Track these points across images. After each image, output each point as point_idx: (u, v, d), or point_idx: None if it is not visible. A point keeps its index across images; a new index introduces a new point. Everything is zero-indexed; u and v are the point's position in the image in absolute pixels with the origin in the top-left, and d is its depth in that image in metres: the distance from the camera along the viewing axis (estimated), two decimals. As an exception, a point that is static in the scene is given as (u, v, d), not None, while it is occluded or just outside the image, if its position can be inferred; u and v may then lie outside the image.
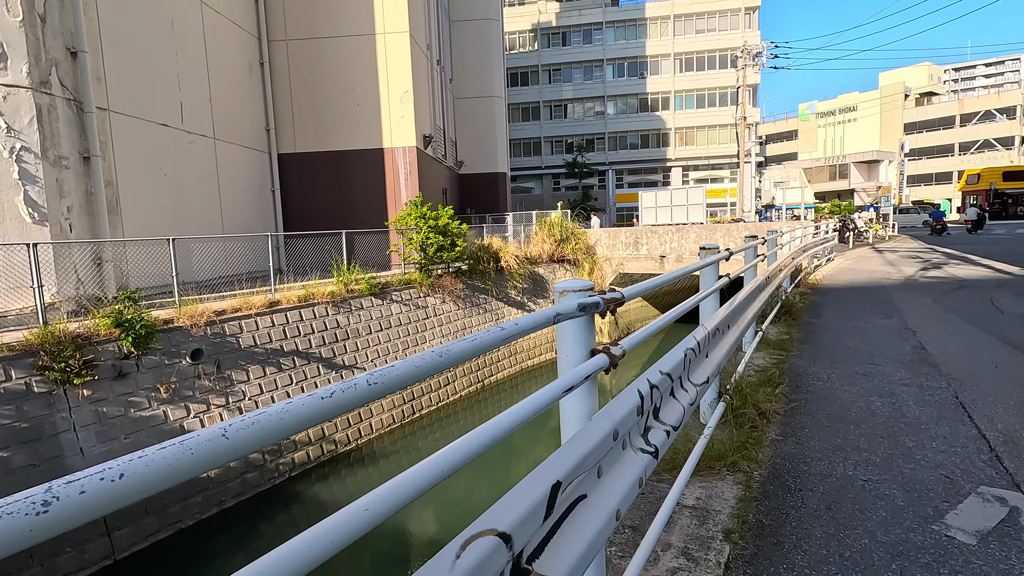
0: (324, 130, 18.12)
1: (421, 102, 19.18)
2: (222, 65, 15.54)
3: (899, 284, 10.48)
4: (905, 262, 14.98)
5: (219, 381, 9.93)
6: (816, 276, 11.07)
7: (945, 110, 61.52)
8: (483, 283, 17.13)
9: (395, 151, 17.97)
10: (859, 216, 25.68)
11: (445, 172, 23.25)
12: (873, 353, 5.34)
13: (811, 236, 11.85)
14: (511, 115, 54.69)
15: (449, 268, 16.40)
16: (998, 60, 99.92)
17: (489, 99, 26.67)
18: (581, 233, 20.55)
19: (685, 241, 18.30)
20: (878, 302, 8.43)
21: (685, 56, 51.00)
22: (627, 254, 20.04)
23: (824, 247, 13.28)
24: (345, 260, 13.49)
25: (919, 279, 11.12)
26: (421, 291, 15.01)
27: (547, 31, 53.10)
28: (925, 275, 11.79)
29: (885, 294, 9.23)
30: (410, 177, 18.02)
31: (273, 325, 11.17)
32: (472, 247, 17.40)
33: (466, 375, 15.52)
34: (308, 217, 17.76)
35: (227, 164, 15.64)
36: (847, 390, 4.22)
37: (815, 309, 7.64)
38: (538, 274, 19.62)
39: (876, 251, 19.34)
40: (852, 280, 10.88)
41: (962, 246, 20.96)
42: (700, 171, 52.58)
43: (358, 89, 17.86)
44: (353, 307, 13.04)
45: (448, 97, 24.31)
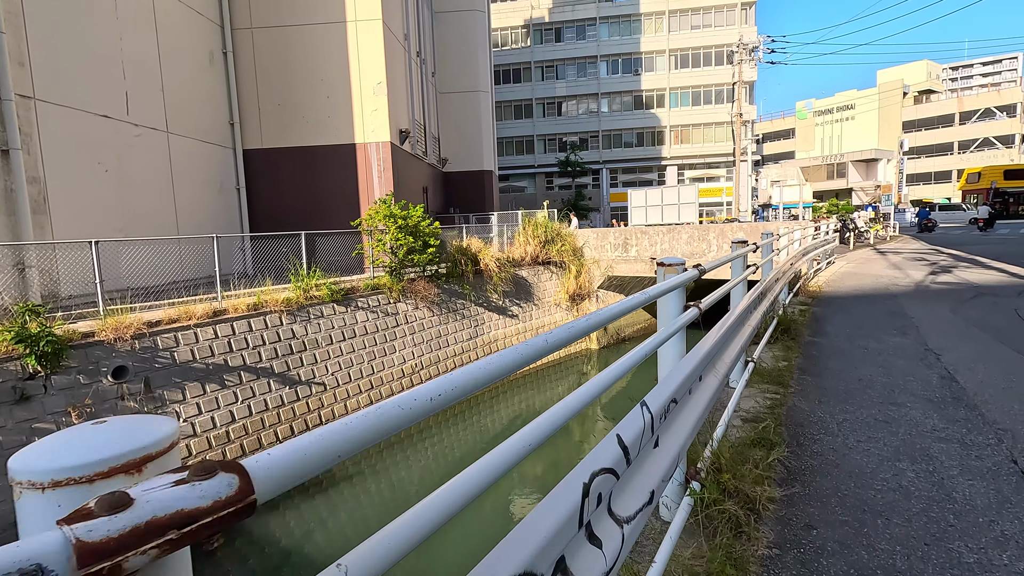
0: (292, 124, 17.01)
1: (397, 95, 18.09)
2: (177, 53, 14.43)
3: (909, 291, 9.43)
4: (911, 265, 13.95)
5: (147, 402, 8.83)
6: (817, 282, 10.01)
7: (944, 108, 60.65)
8: (461, 287, 16.06)
9: (368, 147, 16.88)
10: (859, 216, 24.67)
11: (426, 170, 22.16)
12: (892, 387, 4.28)
13: (811, 238, 10.81)
14: (503, 113, 53.65)
15: (425, 271, 15.33)
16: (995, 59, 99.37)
17: (474, 94, 25.57)
18: (568, 234, 19.49)
19: (677, 242, 17.25)
20: (889, 314, 7.37)
21: (680, 52, 50.00)
22: (616, 256, 18.98)
23: (824, 249, 12.24)
24: (305, 264, 12.40)
25: (930, 285, 10.08)
26: (391, 297, 13.93)
27: (540, 27, 52.04)
28: (936, 280, 10.75)
29: (895, 304, 8.17)
30: (384, 174, 16.92)
31: (216, 337, 10.07)
32: (450, 249, 16.33)
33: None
34: (277, 217, 16.66)
35: (183, 160, 14.53)
36: (866, 450, 3.15)
37: (818, 324, 6.57)
38: (521, 277, 18.54)
39: (878, 252, 18.32)
40: (857, 287, 9.83)
41: (967, 247, 19.97)
42: (696, 170, 51.58)
43: (328, 81, 16.75)
44: (312, 315, 11.95)
45: (430, 91, 23.21)
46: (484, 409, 14.97)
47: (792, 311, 7.02)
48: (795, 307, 7.47)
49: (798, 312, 6.94)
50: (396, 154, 17.59)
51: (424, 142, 21.50)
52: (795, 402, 3.84)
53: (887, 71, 67.95)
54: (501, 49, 52.75)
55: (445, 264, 16.18)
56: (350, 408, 11.88)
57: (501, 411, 15.13)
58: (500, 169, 53.84)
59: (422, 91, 21.37)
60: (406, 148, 18.89)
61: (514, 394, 16.01)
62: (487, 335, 16.49)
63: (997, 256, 15.80)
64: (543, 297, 19.10)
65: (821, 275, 11.67)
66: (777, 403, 3.67)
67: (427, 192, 21.73)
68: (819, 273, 11.92)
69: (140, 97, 13.03)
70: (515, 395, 15.92)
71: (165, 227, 13.74)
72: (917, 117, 61.54)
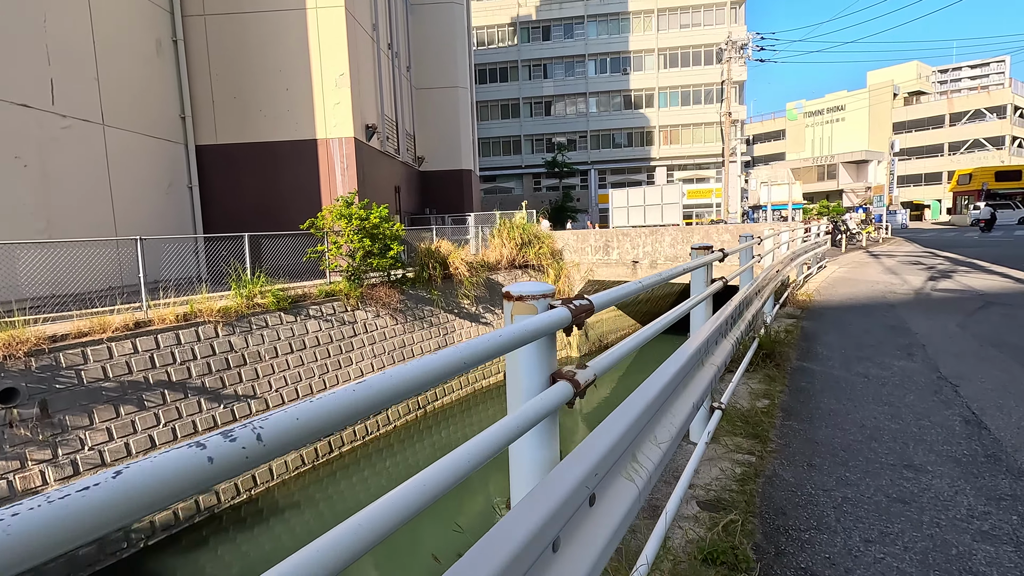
0: (250, 119, 15.87)
1: (363, 88, 17.01)
2: (117, 40, 13.27)
3: (909, 300, 8.46)
4: (907, 269, 13.03)
5: (44, 428, 7.69)
6: (807, 290, 9.03)
7: (934, 109, 60.28)
8: (428, 293, 14.98)
9: (330, 142, 15.77)
10: (851, 217, 23.84)
11: (399, 168, 21.06)
12: (905, 437, 3.25)
13: (800, 241, 9.84)
14: (490, 112, 52.66)
15: (389, 276, 14.25)
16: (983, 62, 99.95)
17: (452, 90, 24.50)
18: (546, 236, 18.46)
19: (660, 245, 16.27)
20: (890, 329, 6.37)
21: (669, 52, 49.24)
22: (597, 259, 17.97)
23: (816, 253, 11.28)
24: (249, 268, 11.29)
25: (932, 293, 9.12)
26: (348, 304, 12.83)
27: (527, 25, 51.11)
28: (937, 288, 9.80)
29: (896, 315, 7.19)
30: (348, 172, 15.82)
31: (136, 352, 8.93)
32: (418, 252, 15.27)
33: (404, 401, 13.34)
34: (236, 217, 15.49)
35: (123, 155, 13.37)
36: (879, 560, 2.11)
37: (808, 344, 5.55)
38: (496, 282, 17.49)
39: (872, 256, 17.43)
40: (851, 295, 8.85)
41: (963, 249, 19.15)
42: (686, 171, 50.81)
43: (288, 72, 15.64)
44: (255, 325, 10.83)
45: (404, 86, 22.14)
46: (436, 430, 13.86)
47: (778, 327, 6.01)
48: (782, 321, 6.46)
49: (785, 328, 5.92)
50: (361, 151, 16.49)
51: (396, 139, 20.41)
52: (776, 468, 2.79)
53: (877, 72, 67.61)
54: (487, 48, 51.82)
55: (413, 268, 15.12)
56: (296, 428, 10.75)
57: (465, 428, 14.03)
58: (486, 170, 52.86)
59: (394, 86, 20.29)
60: (374, 145, 17.79)
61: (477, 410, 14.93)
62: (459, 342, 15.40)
63: (996, 259, 14.94)
64: (520, 303, 18.03)
65: (812, 281, 10.70)
66: (751, 473, 2.63)
67: (399, 192, 20.63)
68: (810, 279, 10.95)
69: (69, 86, 11.86)
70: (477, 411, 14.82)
71: (100, 228, 12.57)
72: (907, 118, 61.15)
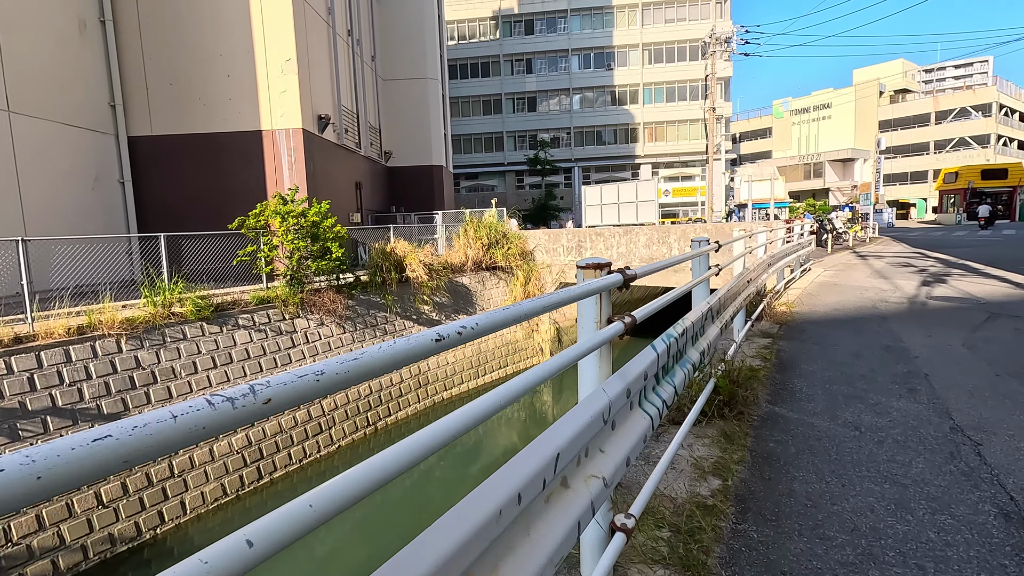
0: (188, 107, 14.53)
1: (316, 76, 15.72)
2: (27, 17, 11.88)
3: (903, 311, 7.39)
4: (898, 272, 12.02)
5: None
6: (788, 298, 7.93)
7: (920, 107, 59.92)
8: (382, 298, 13.75)
9: (276, 134, 14.47)
10: (837, 216, 22.92)
11: (361, 164, 19.78)
12: (921, 554, 2.11)
13: (782, 242, 8.75)
14: (471, 108, 51.38)
15: (339, 280, 13.02)
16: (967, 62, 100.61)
17: (421, 81, 23.22)
18: (516, 236, 17.29)
19: (635, 246, 15.17)
20: (884, 350, 5.28)
21: (654, 47, 48.28)
22: (569, 260, 16.85)
23: (799, 255, 10.21)
24: (166, 272, 10.01)
25: (928, 302, 8.06)
26: (287, 311, 11.57)
27: (509, 18, 49.90)
28: (932, 295, 8.76)
29: (890, 331, 6.10)
30: (296, 166, 14.53)
31: (10, 373, 7.64)
32: (372, 253, 14.04)
33: (351, 417, 12.12)
34: (175, 216, 14.21)
35: (36, 146, 11.99)
36: None
37: (784, 375, 4.41)
38: (461, 285, 16.31)
39: (859, 256, 16.47)
40: (838, 305, 7.76)
41: (952, 249, 18.27)
42: (671, 168, 49.95)
43: (229, 56, 14.31)
44: (169, 338, 9.55)
45: (368, 77, 20.84)
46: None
47: (749, 350, 4.88)
48: (755, 342, 5.33)
49: (758, 352, 4.80)
50: (312, 143, 15.21)
51: (357, 132, 19.13)
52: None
53: (863, 70, 67.21)
54: (468, 42, 50.56)
55: (367, 271, 13.90)
56: (215, 453, 9.50)
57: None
58: (468, 167, 51.61)
59: (354, 75, 19.00)
60: (328, 137, 16.51)
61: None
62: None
63: (990, 261, 14.01)
64: (487, 307, 16.88)
65: (794, 286, 9.62)
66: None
67: (361, 188, 19.34)
68: (792, 284, 9.87)
69: (-38, 66, 10.49)
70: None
71: (7, 228, 11.20)
72: (893, 116, 60.76)
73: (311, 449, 11.11)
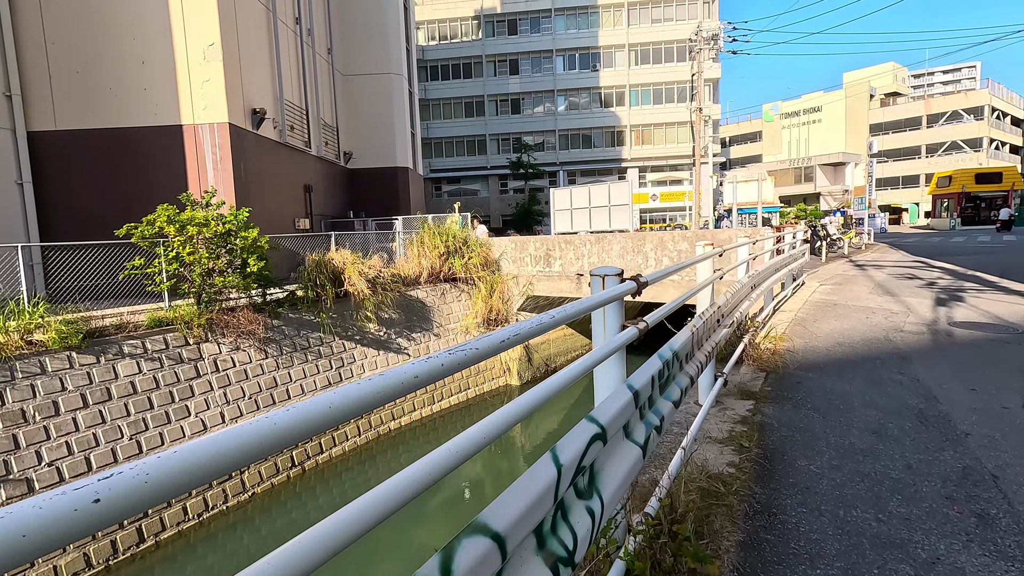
0: (97, 99, 12.75)
1: (252, 65, 13.99)
2: None
3: (926, 344, 5.74)
4: (904, 286, 10.42)
5: None
6: (778, 327, 6.26)
7: (911, 110, 59.00)
8: (316, 316, 12.00)
9: (198, 129, 12.71)
10: (831, 222, 21.41)
11: (312, 165, 18.03)
12: None
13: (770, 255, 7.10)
14: (453, 110, 49.78)
15: (267, 296, 11.27)
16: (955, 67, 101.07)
17: (384, 77, 21.52)
18: (479, 244, 15.58)
19: (607, 255, 13.51)
20: (918, 421, 3.60)
21: (641, 47, 46.96)
22: (537, 271, 15.16)
23: (791, 269, 8.56)
24: (25, 290, 8.23)
25: (952, 330, 6.42)
26: (191, 334, 9.79)
27: (491, 18, 48.43)
28: (953, 317, 7.13)
29: (917, 382, 4.44)
30: (222, 165, 12.77)
31: None
32: (307, 266, 12.29)
33: (270, 458, 10.33)
34: (82, 222, 12.40)
35: None
36: None
37: (768, 488, 2.70)
38: (415, 299, 14.57)
39: (857, 266, 14.91)
40: (842, 336, 6.10)
41: (954, 257, 16.80)
42: (659, 172, 48.57)
43: (143, 41, 12.56)
44: (21, 373, 7.75)
45: (322, 70, 19.14)
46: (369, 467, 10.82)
47: (720, 428, 3.19)
48: (728, 410, 3.63)
49: (730, 436, 3.10)
50: (244, 140, 13.46)
51: (306, 130, 17.38)
52: None
53: (852, 73, 66.30)
54: (450, 42, 49.05)
55: (300, 285, 12.15)
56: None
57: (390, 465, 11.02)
58: (450, 171, 49.96)
59: (303, 67, 17.27)
60: (267, 135, 14.76)
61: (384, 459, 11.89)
62: (358, 376, 12.42)
63: (1002, 271, 12.48)
64: (446, 323, 15.16)
65: (786, 308, 7.97)
66: None
67: (310, 192, 17.58)
68: (783, 304, 8.22)
69: None
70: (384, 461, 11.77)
71: None
72: (884, 120, 59.81)
73: (216, 500, 9.31)
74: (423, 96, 49.21)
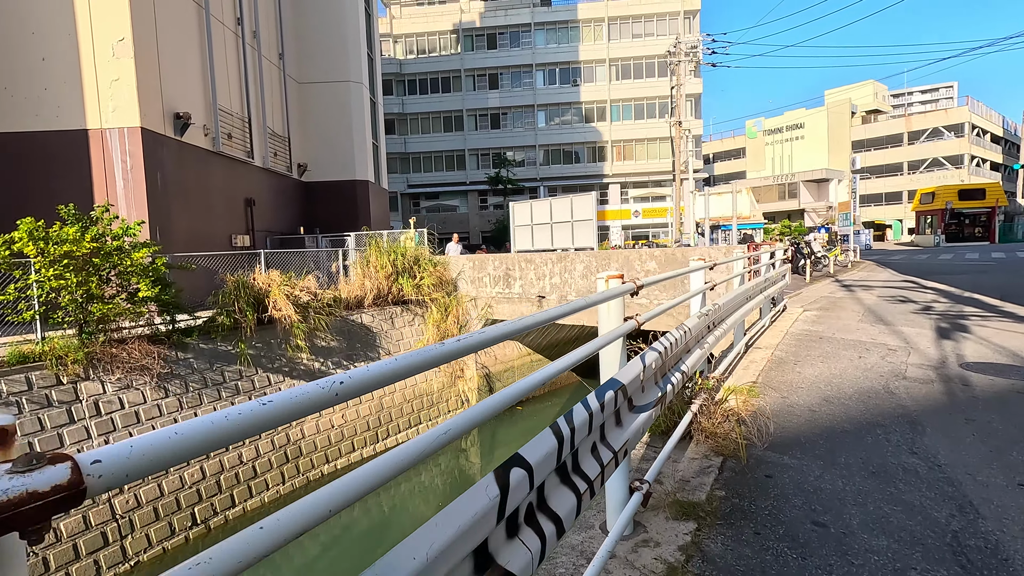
0: (-8, 100, 11.27)
1: (175, 65, 12.61)
2: None
3: (940, 400, 4.39)
4: (898, 312, 9.15)
5: None
6: (746, 371, 4.88)
7: (892, 127, 59.02)
8: (233, 345, 10.47)
9: (107, 134, 11.25)
10: (815, 238, 20.32)
11: (257, 177, 16.59)
12: None
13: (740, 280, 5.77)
14: (431, 125, 48.72)
15: (173, 325, 9.74)
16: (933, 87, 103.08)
17: (343, 85, 20.24)
18: (431, 264, 14.17)
19: (571, 276, 12.17)
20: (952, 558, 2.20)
21: (622, 62, 46.38)
22: (496, 292, 13.77)
23: (769, 294, 7.24)
24: None
25: (965, 374, 5.09)
26: (66, 372, 8.23)
27: (470, 32, 47.67)
28: (963, 355, 5.81)
29: (938, 467, 3.06)
30: (133, 175, 11.29)
31: None
32: (226, 288, 10.80)
33: (163, 516, 8.71)
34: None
35: None
36: None
37: None
38: (359, 324, 13.09)
39: (843, 287, 13.69)
40: (829, 388, 4.73)
41: (949, 277, 15.66)
42: (641, 188, 47.73)
43: (44, 34, 11.14)
44: None
45: (273, 77, 17.81)
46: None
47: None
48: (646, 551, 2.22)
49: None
50: (161, 148, 12.01)
51: (249, 139, 15.97)
52: None
53: (834, 91, 66.50)
54: (429, 56, 48.18)
55: (217, 310, 10.64)
56: None
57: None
58: (429, 186, 48.72)
59: (245, 72, 15.91)
60: (196, 142, 13.33)
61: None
62: (284, 433, 10.87)
63: (1002, 293, 11.28)
64: (395, 350, 13.66)
65: (761, 341, 6.62)
66: None
67: (253, 206, 16.10)
68: (759, 337, 6.88)
69: None
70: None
71: None
72: (866, 137, 59.77)
73: (83, 575, 7.68)
74: (401, 110, 48.16)
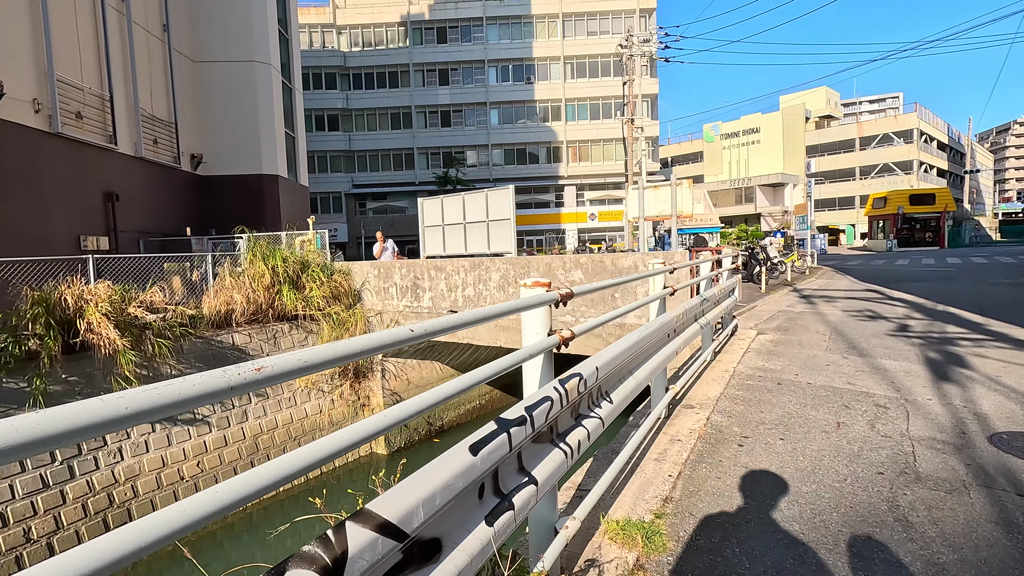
0: None
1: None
2: None
3: (990, 534, 2.40)
4: (871, 334, 7.33)
5: None
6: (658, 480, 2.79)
7: (845, 133, 59.54)
8: (27, 383, 7.90)
9: None
10: (771, 243, 18.83)
11: (124, 167, 13.86)
12: None
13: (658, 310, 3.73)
14: (378, 122, 46.05)
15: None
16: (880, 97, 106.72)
17: (247, 65, 17.62)
18: (324, 272, 11.78)
19: (486, 287, 10.03)
20: None
21: (576, 60, 44.81)
22: (404, 306, 11.52)
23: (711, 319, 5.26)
24: None
25: (1005, 459, 3.14)
26: None
27: (419, 25, 45.27)
28: (983, 413, 3.90)
29: None
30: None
31: None
32: (22, 306, 8.21)
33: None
34: None
35: None
36: None
37: None
38: (231, 346, 10.61)
39: (803, 298, 12.01)
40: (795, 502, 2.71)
41: (912, 284, 14.25)
42: (598, 190, 46.17)
43: None
44: None
45: (153, 51, 15.10)
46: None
47: None
48: None
49: None
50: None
51: (110, 121, 13.27)
52: None
53: (788, 96, 66.85)
54: (375, 49, 45.54)
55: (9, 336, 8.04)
56: None
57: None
58: (375, 186, 45.96)
59: (103, 38, 13.21)
60: (24, 120, 10.63)
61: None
62: (108, 471, 8.34)
63: (978, 307, 9.70)
64: (280, 377, 11.24)
65: (695, 394, 4.61)
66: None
67: (115, 202, 13.38)
68: (692, 387, 4.85)
69: None
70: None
71: None
72: (820, 142, 60.11)
73: None
74: (345, 105, 45.34)
